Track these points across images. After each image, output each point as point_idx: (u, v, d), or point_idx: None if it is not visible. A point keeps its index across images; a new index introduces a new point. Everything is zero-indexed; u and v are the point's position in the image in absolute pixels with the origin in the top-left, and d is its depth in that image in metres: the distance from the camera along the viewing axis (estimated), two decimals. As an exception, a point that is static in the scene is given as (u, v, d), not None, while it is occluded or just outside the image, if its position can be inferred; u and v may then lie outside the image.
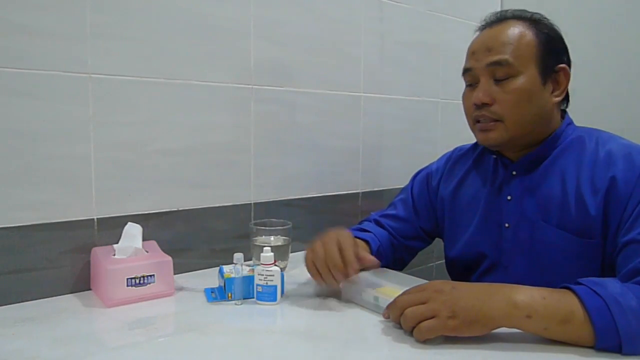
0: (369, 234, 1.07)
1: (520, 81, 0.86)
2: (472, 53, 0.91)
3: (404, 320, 0.74)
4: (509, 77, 0.86)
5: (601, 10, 1.59)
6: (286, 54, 1.21)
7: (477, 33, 0.93)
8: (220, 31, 1.09)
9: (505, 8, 0.98)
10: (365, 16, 1.37)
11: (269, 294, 0.88)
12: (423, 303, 0.73)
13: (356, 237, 1.05)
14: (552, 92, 0.89)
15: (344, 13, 1.32)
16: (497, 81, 0.87)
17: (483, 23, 0.94)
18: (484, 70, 0.88)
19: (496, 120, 0.87)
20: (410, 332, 0.74)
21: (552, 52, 0.88)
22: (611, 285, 0.70)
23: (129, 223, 0.96)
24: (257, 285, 0.88)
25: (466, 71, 0.92)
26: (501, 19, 0.91)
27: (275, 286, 0.88)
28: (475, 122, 0.91)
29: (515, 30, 0.87)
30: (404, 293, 0.78)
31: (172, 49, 1.03)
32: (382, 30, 1.42)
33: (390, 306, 0.78)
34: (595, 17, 1.60)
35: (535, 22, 0.89)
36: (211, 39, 1.08)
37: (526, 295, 0.71)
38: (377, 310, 0.83)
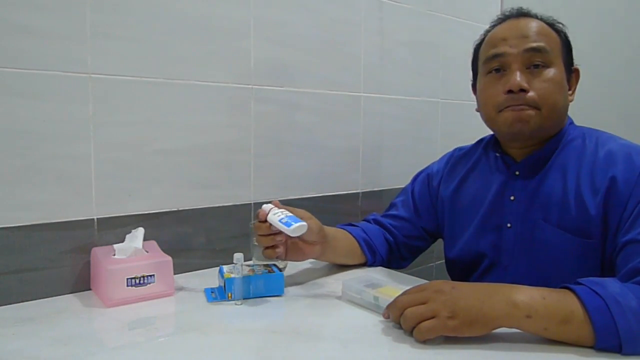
0: (355, 227, 1.09)
1: (554, 71, 0.87)
2: (502, 39, 0.89)
3: (404, 321, 0.74)
4: (544, 66, 0.86)
5: (601, 9, 1.59)
6: (286, 54, 1.21)
7: (498, 26, 0.93)
8: (220, 31, 1.09)
9: (505, 8, 0.99)
10: (365, 16, 1.37)
11: (293, 219, 0.87)
12: (423, 303, 0.73)
13: (342, 227, 1.09)
14: (568, 90, 0.91)
15: (344, 13, 1.32)
16: (531, 70, 0.87)
17: (501, 17, 0.94)
18: (519, 56, 0.87)
19: (532, 107, 0.86)
20: (410, 332, 0.74)
21: (569, 52, 0.91)
22: (611, 285, 0.70)
23: (137, 229, 0.96)
24: (280, 220, 0.87)
25: (495, 57, 0.89)
26: (525, 14, 0.92)
27: (293, 215, 0.88)
28: (500, 110, 0.88)
29: (543, 25, 0.89)
30: (403, 293, 0.78)
31: (172, 49, 1.03)
32: (382, 30, 1.42)
33: (390, 306, 0.78)
34: (596, 16, 1.60)
35: (550, 21, 0.91)
36: (211, 39, 1.08)
37: (526, 295, 0.71)
38: (377, 310, 0.83)
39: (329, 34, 1.29)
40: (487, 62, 0.91)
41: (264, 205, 0.90)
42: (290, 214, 0.88)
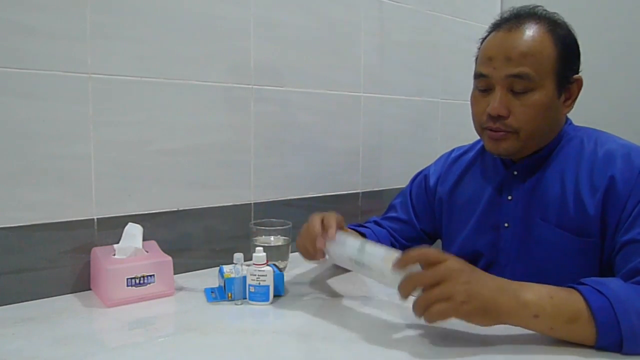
0: (367, 229, 1.09)
1: (538, 95, 0.83)
2: (488, 58, 0.86)
3: (416, 303, 0.71)
4: (527, 91, 0.84)
5: (601, 8, 1.59)
6: (286, 54, 1.21)
7: (493, 33, 0.89)
8: (220, 31, 1.09)
9: (505, 8, 0.98)
10: (365, 16, 1.37)
11: (261, 294, 0.88)
12: (439, 282, 0.70)
13: (352, 228, 1.07)
14: (564, 102, 0.88)
15: (344, 13, 1.32)
16: (514, 93, 0.84)
17: (498, 21, 0.90)
18: (501, 80, 0.84)
19: (510, 132, 0.86)
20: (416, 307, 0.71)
21: (569, 62, 0.86)
22: (614, 285, 0.70)
23: (130, 223, 0.96)
24: (250, 285, 0.88)
25: (480, 76, 0.88)
26: (520, 19, 0.87)
27: (268, 286, 0.88)
28: (484, 129, 0.89)
29: (535, 38, 0.84)
30: (426, 251, 0.73)
31: (172, 49, 1.03)
32: (382, 30, 1.42)
33: (403, 282, 0.72)
34: (595, 15, 1.60)
35: (554, 24, 0.87)
36: (211, 39, 1.08)
37: (534, 294, 0.71)
38: (360, 258, 0.79)
39: (329, 34, 1.29)
40: (475, 78, 0.90)
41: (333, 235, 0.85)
42: (265, 282, 0.87)
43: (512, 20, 0.87)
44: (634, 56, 1.54)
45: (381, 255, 0.77)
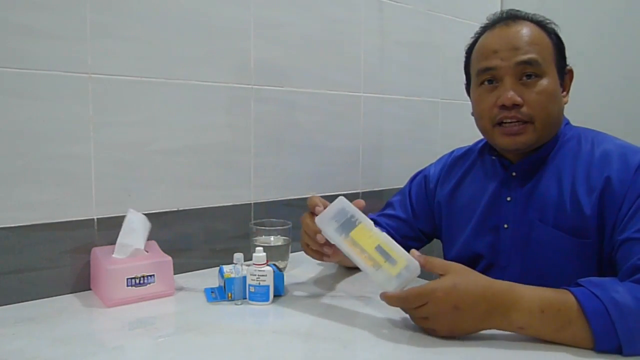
0: None
1: (546, 82, 0.85)
2: (493, 52, 0.87)
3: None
4: (537, 77, 0.85)
5: (601, 9, 1.59)
6: (286, 54, 1.21)
7: (487, 32, 0.91)
8: (220, 31, 1.09)
9: (505, 8, 0.98)
10: (365, 16, 1.37)
11: (261, 294, 0.88)
12: (425, 318, 0.74)
13: None
14: (561, 93, 0.90)
15: (344, 13, 1.32)
16: (523, 81, 0.86)
17: (491, 22, 0.92)
18: (511, 69, 0.86)
19: (525, 122, 0.86)
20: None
21: (562, 54, 0.90)
22: (610, 287, 0.70)
23: (130, 210, 0.96)
24: (250, 285, 0.88)
25: (487, 70, 0.88)
26: (510, 18, 0.90)
27: (268, 286, 0.88)
28: (495, 125, 0.88)
29: (533, 30, 0.87)
30: (405, 298, 0.75)
31: (172, 49, 1.03)
32: (382, 30, 1.42)
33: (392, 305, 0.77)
34: (595, 16, 1.60)
35: (542, 21, 0.90)
36: (211, 39, 1.08)
37: (524, 313, 0.71)
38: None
39: (329, 34, 1.29)
40: (479, 74, 0.90)
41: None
42: (265, 282, 0.88)
43: (505, 19, 0.91)
44: (630, 56, 1.54)
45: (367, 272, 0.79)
